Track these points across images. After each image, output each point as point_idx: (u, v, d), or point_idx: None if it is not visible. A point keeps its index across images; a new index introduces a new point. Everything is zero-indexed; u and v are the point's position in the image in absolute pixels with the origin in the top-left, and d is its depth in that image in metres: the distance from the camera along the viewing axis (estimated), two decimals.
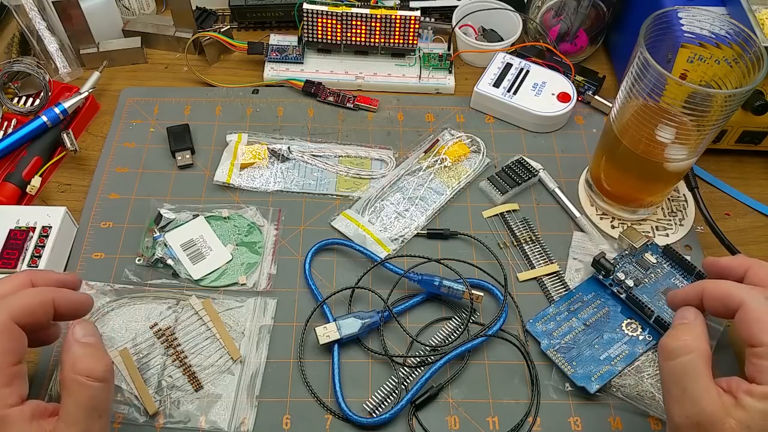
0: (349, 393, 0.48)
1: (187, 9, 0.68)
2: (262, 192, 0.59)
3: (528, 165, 0.60)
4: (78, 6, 0.66)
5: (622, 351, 0.49)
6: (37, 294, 0.39)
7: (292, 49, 0.69)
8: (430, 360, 0.50)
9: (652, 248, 0.54)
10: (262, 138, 0.63)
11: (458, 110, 0.67)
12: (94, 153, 0.63)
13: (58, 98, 0.63)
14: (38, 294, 0.39)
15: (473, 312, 0.52)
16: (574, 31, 0.68)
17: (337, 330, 0.50)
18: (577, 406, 0.48)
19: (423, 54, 0.70)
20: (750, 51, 0.46)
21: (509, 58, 0.67)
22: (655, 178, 0.54)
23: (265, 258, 0.55)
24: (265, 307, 0.52)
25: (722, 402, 0.36)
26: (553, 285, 0.54)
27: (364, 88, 0.68)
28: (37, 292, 0.40)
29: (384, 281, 0.54)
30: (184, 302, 0.52)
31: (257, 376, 0.49)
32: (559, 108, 0.63)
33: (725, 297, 0.39)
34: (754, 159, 0.63)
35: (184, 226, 0.56)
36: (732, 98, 0.44)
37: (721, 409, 0.36)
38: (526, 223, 0.58)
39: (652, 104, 0.47)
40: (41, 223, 0.53)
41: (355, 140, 0.64)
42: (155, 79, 0.70)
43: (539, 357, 0.50)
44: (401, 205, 0.59)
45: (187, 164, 0.61)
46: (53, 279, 0.42)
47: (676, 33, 0.49)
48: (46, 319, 0.39)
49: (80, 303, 0.42)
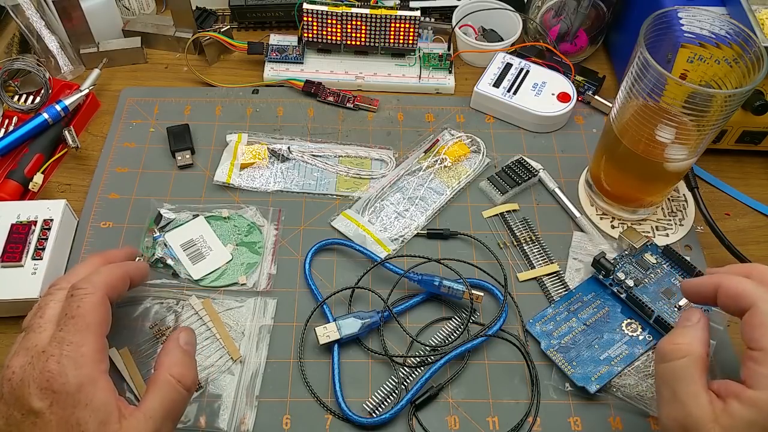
0: (349, 393, 0.48)
1: (187, 9, 0.68)
2: (262, 192, 0.59)
3: (528, 165, 0.60)
4: (78, 6, 0.66)
5: (622, 351, 0.49)
6: (119, 269, 0.43)
7: (292, 49, 0.69)
8: (430, 360, 0.50)
9: (652, 248, 0.54)
10: (262, 138, 0.63)
11: (458, 110, 0.67)
12: (94, 153, 0.63)
13: (59, 96, 0.63)
14: (118, 268, 0.43)
15: (473, 312, 0.52)
16: (574, 31, 0.68)
17: (337, 330, 0.50)
18: (577, 406, 0.48)
19: (423, 54, 0.70)
20: (750, 51, 0.46)
21: (509, 58, 0.67)
22: (655, 178, 0.54)
23: (265, 258, 0.55)
24: (265, 307, 0.52)
25: (712, 407, 0.36)
26: (553, 285, 0.54)
27: (364, 88, 0.68)
28: (116, 267, 0.43)
29: (384, 281, 0.54)
30: (184, 302, 0.52)
31: (257, 376, 0.49)
32: (559, 108, 0.63)
33: (739, 295, 0.39)
34: (754, 159, 0.63)
35: (184, 226, 0.56)
36: (732, 98, 0.44)
37: (709, 414, 0.36)
38: (526, 223, 0.58)
39: (652, 104, 0.47)
40: (42, 216, 0.53)
41: (355, 140, 0.64)
42: (155, 79, 0.70)
43: (539, 357, 0.50)
44: (401, 205, 0.59)
45: (187, 164, 0.61)
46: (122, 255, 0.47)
47: (676, 33, 0.49)
48: (125, 290, 0.44)
49: (144, 272, 0.47)
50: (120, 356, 0.48)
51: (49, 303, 0.40)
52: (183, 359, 0.41)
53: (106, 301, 0.40)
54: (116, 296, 0.42)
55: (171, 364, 0.40)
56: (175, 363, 0.41)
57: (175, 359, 0.41)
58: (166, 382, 0.39)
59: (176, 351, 0.42)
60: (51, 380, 0.36)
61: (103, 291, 0.40)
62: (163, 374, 0.40)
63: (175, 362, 0.41)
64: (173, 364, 0.41)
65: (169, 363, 0.41)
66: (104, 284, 0.40)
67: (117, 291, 0.42)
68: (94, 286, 0.40)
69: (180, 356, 0.41)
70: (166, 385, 0.39)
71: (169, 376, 0.40)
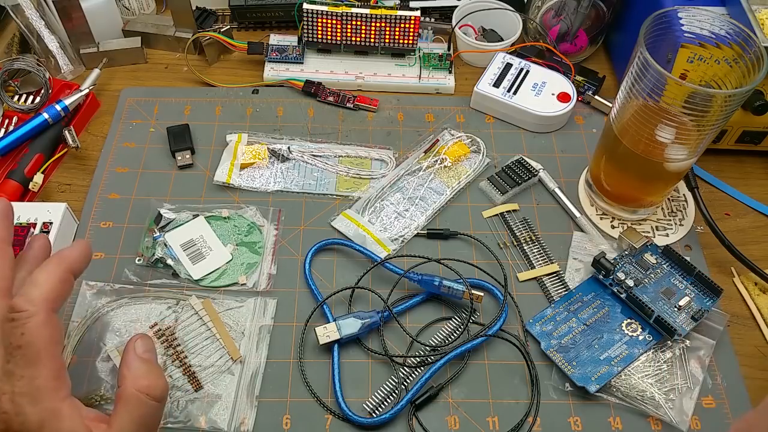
0: (349, 393, 0.48)
1: (187, 9, 0.68)
2: (262, 192, 0.59)
3: (528, 165, 0.60)
4: (78, 6, 0.66)
5: (622, 351, 0.49)
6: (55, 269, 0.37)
7: (292, 49, 0.69)
8: (430, 360, 0.50)
9: (652, 248, 0.54)
10: (262, 138, 0.63)
11: (458, 110, 0.67)
12: (94, 153, 0.63)
13: (59, 96, 0.63)
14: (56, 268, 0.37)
15: (473, 312, 0.52)
16: (574, 31, 0.68)
17: (337, 330, 0.50)
18: (577, 406, 0.48)
19: (423, 54, 0.70)
20: (750, 51, 0.46)
21: (509, 58, 0.67)
22: (655, 178, 0.54)
23: (265, 258, 0.55)
24: (265, 307, 0.52)
25: None
26: (553, 285, 0.54)
27: (364, 88, 0.68)
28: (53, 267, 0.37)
29: (384, 281, 0.54)
30: (184, 302, 0.52)
31: (257, 376, 0.49)
32: (559, 108, 0.63)
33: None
34: (754, 159, 0.63)
35: (184, 226, 0.56)
36: (732, 98, 0.44)
37: None
38: (526, 223, 0.58)
39: (652, 104, 0.47)
40: (42, 219, 0.53)
41: (355, 140, 0.64)
42: (155, 79, 0.70)
43: (539, 357, 0.50)
44: (401, 205, 0.59)
45: (187, 164, 0.61)
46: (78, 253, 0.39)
47: (676, 33, 0.49)
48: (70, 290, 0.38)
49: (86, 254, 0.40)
50: (120, 356, 0.48)
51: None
52: (147, 370, 0.38)
53: (53, 317, 0.35)
54: (62, 303, 0.37)
55: (135, 378, 0.37)
56: (138, 376, 0.37)
57: (139, 372, 0.38)
58: (134, 397, 0.37)
59: (136, 362, 0.38)
60: (8, 422, 0.33)
61: (46, 307, 0.35)
62: (128, 390, 0.37)
63: (138, 375, 0.38)
64: (137, 377, 0.37)
65: (133, 377, 0.37)
66: (45, 299, 0.35)
67: (62, 297, 0.37)
68: (34, 305, 0.34)
69: (143, 367, 0.38)
70: (134, 400, 0.37)
71: (135, 391, 0.37)
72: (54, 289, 0.36)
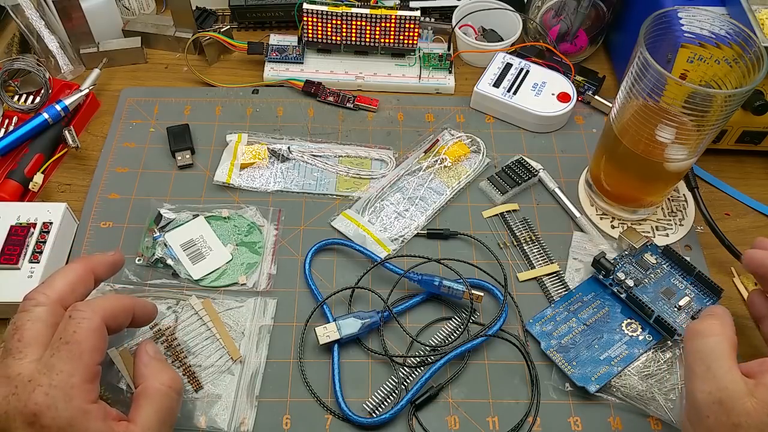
0: (349, 393, 0.48)
1: (187, 9, 0.68)
2: (262, 192, 0.59)
3: (528, 165, 0.60)
4: (78, 6, 0.66)
5: (622, 351, 0.49)
6: (122, 300, 0.41)
7: (292, 49, 0.69)
8: (430, 360, 0.50)
9: (652, 248, 0.54)
10: (262, 138, 0.63)
11: (458, 110, 0.67)
12: (94, 153, 0.63)
13: (59, 96, 0.64)
14: (123, 300, 0.41)
15: (473, 312, 0.52)
16: (574, 31, 0.68)
17: (337, 330, 0.50)
18: (577, 406, 0.48)
19: (423, 54, 0.70)
20: (750, 51, 0.46)
21: (509, 58, 0.67)
22: (655, 178, 0.54)
23: (265, 258, 0.55)
24: (265, 307, 0.52)
25: (745, 382, 0.37)
26: (553, 285, 0.54)
27: (364, 88, 0.68)
28: (122, 298, 0.41)
29: (384, 281, 0.54)
30: (184, 302, 0.52)
31: (257, 376, 0.49)
32: (559, 108, 0.63)
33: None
34: (754, 159, 0.63)
35: (184, 226, 0.56)
36: (732, 98, 0.44)
37: (743, 387, 0.37)
38: (526, 223, 0.58)
39: (652, 104, 0.47)
40: (42, 219, 0.53)
41: (355, 140, 0.64)
42: (155, 79, 0.70)
43: (539, 357, 0.50)
44: (401, 205, 0.59)
45: (187, 164, 0.61)
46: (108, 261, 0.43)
47: (676, 33, 0.49)
48: (125, 324, 0.41)
49: (151, 314, 0.44)
50: (119, 356, 0.48)
51: (26, 323, 0.37)
52: (164, 367, 0.41)
53: (104, 329, 0.38)
54: (115, 327, 0.40)
55: (155, 374, 0.40)
56: (158, 372, 0.40)
57: (157, 369, 0.41)
58: (158, 391, 0.39)
59: (153, 362, 0.41)
60: (39, 414, 0.33)
61: (102, 317, 0.38)
62: (152, 385, 0.39)
63: (158, 371, 0.41)
64: (157, 373, 0.40)
65: (153, 374, 0.40)
66: (104, 310, 0.38)
67: (117, 321, 0.40)
68: (93, 311, 0.38)
69: (161, 366, 0.41)
70: (158, 394, 0.39)
71: (159, 385, 0.39)
72: (117, 310, 0.40)
